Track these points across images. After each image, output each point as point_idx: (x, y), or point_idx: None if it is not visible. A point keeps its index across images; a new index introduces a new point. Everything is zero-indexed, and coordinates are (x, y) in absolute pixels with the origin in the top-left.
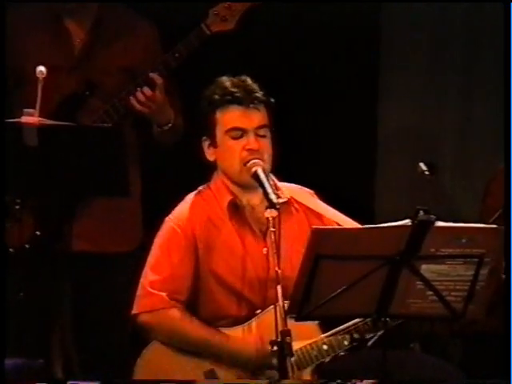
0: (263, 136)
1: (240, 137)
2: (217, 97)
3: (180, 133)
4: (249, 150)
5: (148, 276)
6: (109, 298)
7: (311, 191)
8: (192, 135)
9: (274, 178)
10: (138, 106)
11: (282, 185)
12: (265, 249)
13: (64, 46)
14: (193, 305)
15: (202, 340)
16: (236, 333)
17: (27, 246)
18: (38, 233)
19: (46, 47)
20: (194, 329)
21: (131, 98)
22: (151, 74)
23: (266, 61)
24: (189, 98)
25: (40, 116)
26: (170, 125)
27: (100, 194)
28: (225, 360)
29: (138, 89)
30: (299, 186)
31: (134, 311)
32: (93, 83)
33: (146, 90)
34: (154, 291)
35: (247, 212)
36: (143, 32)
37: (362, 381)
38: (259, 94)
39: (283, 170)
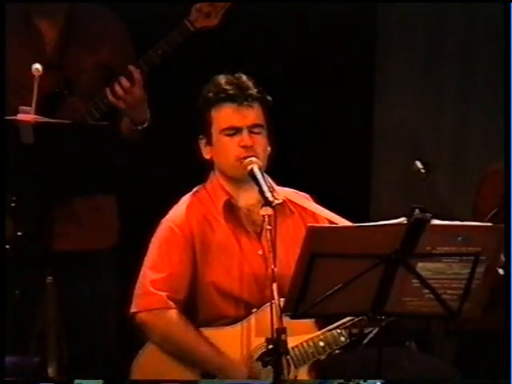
0: (258, 133)
1: (234, 134)
2: (211, 94)
3: (146, 134)
4: (243, 146)
5: (148, 275)
6: (93, 296)
7: (307, 195)
8: (172, 134)
9: (270, 180)
10: (113, 100)
11: (277, 188)
12: (260, 251)
13: (36, 46)
14: (191, 306)
15: (191, 349)
16: (235, 331)
17: (7, 246)
18: (19, 233)
19: (18, 48)
20: (187, 336)
21: (107, 90)
22: (130, 67)
23: (261, 59)
24: (183, 97)
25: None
26: (145, 125)
27: (96, 192)
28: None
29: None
30: (295, 190)
31: (133, 310)
32: (70, 81)
33: (124, 81)
34: (154, 290)
35: (242, 214)
36: (112, 27)
37: (365, 381)
38: (253, 92)
39: (279, 170)
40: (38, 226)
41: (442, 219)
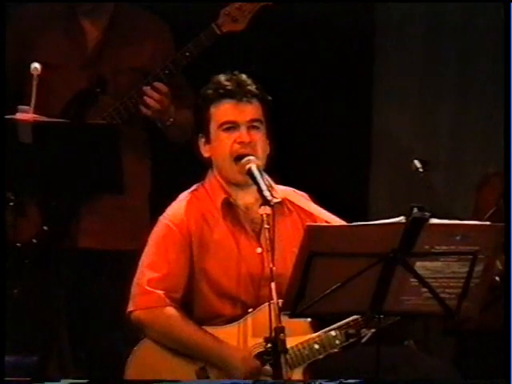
0: (256, 129)
1: (232, 130)
2: (210, 91)
3: (188, 128)
4: (240, 142)
5: (145, 274)
6: (110, 296)
7: (305, 194)
8: None
9: (268, 179)
10: (152, 103)
11: (276, 187)
12: (259, 248)
13: (77, 44)
14: (187, 304)
15: (194, 342)
16: (232, 331)
17: (34, 240)
18: (45, 228)
19: (59, 44)
20: (188, 330)
21: (144, 97)
22: (156, 83)
23: (261, 59)
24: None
25: (50, 112)
26: (171, 119)
27: (94, 192)
28: (214, 364)
29: (148, 87)
30: (293, 189)
31: (130, 308)
32: (104, 81)
33: (159, 84)
34: (151, 289)
35: (241, 212)
36: (157, 33)
37: (346, 379)
38: (252, 88)
39: (277, 169)
40: (60, 223)
41: (441, 218)
